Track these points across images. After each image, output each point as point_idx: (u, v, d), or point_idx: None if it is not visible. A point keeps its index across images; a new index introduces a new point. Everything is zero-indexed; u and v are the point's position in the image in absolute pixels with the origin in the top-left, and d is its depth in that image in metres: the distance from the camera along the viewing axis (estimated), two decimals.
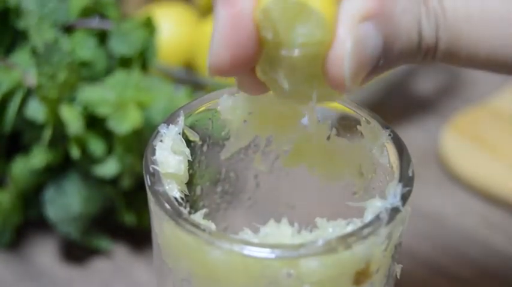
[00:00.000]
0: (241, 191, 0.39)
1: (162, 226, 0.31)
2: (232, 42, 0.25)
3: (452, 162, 0.60)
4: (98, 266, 0.53)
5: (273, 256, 0.28)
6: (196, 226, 0.29)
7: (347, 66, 0.27)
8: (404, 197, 0.30)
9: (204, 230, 0.29)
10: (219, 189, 0.38)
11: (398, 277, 0.33)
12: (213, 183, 0.38)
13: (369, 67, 0.28)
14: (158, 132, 0.33)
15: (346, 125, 0.34)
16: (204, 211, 0.32)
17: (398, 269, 0.33)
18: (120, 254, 0.54)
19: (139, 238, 0.55)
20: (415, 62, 0.30)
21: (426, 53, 0.29)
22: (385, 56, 0.28)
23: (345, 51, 0.27)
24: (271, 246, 0.29)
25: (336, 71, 0.27)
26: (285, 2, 0.26)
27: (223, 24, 0.25)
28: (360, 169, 0.35)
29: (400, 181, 0.31)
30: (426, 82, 0.70)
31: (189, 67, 0.66)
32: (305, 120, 0.33)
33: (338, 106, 0.35)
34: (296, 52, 0.27)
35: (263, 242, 0.30)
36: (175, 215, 0.30)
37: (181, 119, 0.33)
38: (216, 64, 0.25)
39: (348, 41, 0.27)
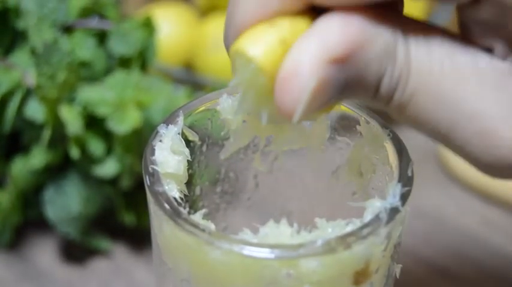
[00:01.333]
0: (241, 191, 0.39)
1: (161, 226, 0.31)
2: None
3: (451, 162, 0.60)
4: (98, 267, 0.53)
5: (272, 256, 0.28)
6: (196, 226, 0.29)
7: (302, 102, 0.27)
8: (404, 197, 0.30)
9: (203, 230, 0.29)
10: (218, 189, 0.38)
11: (397, 276, 0.33)
12: (212, 183, 0.38)
13: (322, 105, 0.28)
14: (157, 132, 0.33)
15: (345, 125, 0.34)
16: (203, 211, 0.32)
17: (397, 269, 0.33)
18: (120, 254, 0.54)
19: (139, 238, 0.55)
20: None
21: (378, 102, 0.29)
22: (340, 96, 0.28)
23: (304, 87, 0.27)
24: (271, 246, 0.29)
25: (289, 103, 0.27)
26: (231, 52, 0.28)
27: None
28: (360, 168, 0.35)
29: (399, 180, 0.31)
30: None
31: (189, 67, 0.66)
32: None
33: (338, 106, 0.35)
34: (241, 90, 0.29)
35: (262, 243, 0.30)
36: (175, 215, 0.30)
37: (180, 119, 0.33)
38: None
39: (311, 80, 0.27)
